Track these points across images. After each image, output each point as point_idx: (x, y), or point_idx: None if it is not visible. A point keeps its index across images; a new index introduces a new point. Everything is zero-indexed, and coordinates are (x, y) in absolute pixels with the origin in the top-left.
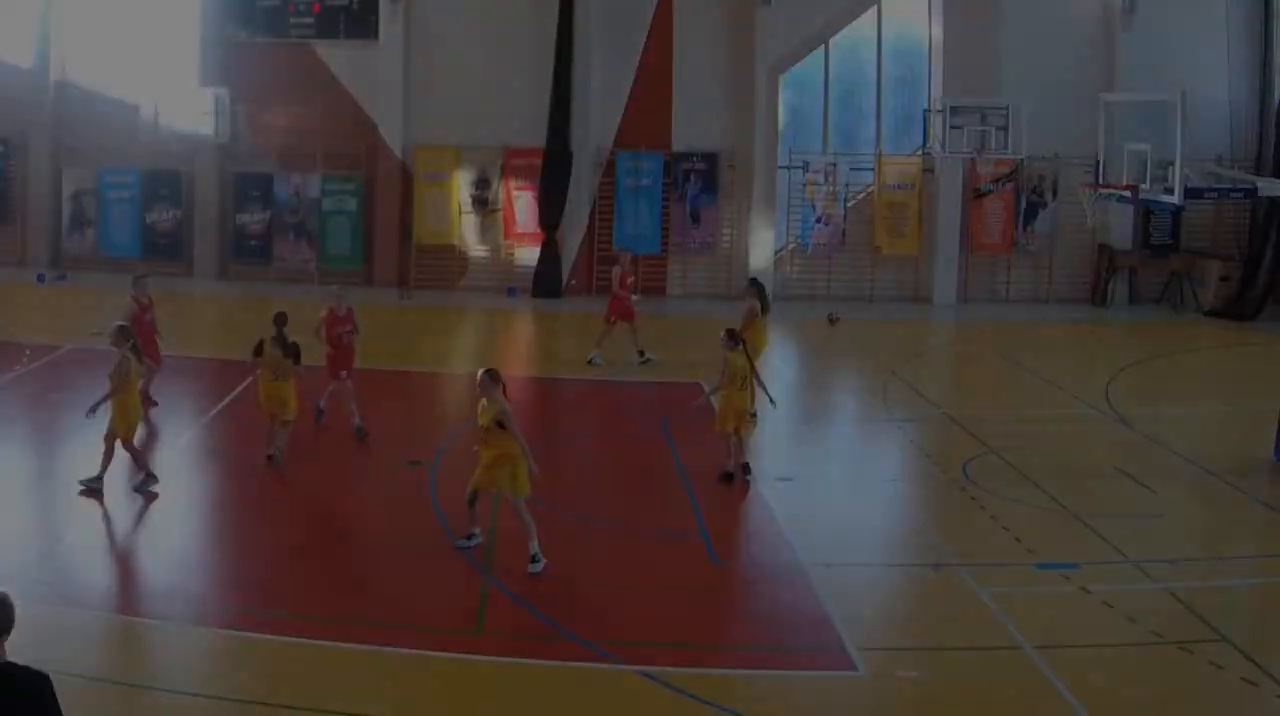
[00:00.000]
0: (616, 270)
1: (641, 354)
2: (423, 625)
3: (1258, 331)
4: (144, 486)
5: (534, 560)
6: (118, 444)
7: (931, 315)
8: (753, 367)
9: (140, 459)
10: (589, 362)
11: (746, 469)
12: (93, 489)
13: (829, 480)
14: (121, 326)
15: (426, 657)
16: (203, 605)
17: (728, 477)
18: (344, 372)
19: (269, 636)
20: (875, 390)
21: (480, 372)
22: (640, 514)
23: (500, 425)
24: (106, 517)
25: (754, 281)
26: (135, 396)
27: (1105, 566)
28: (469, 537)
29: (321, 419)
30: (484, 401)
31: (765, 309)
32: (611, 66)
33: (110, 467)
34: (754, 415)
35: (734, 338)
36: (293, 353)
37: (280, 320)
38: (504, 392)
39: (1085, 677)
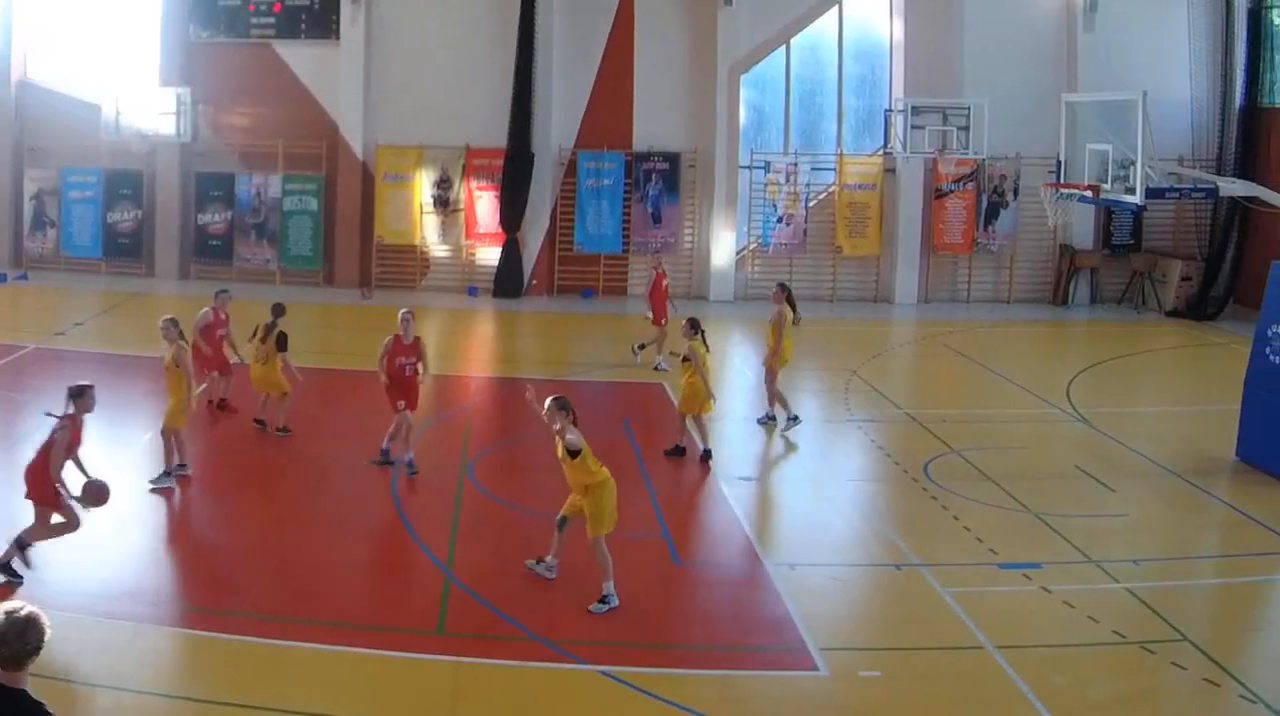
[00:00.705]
0: (652, 274)
1: (639, 348)
2: (383, 625)
3: (1219, 331)
4: (160, 482)
5: (603, 600)
6: (165, 429)
7: (893, 315)
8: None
9: (171, 456)
10: (656, 368)
11: (708, 455)
12: (181, 477)
13: (791, 480)
14: (172, 319)
15: (387, 658)
16: (164, 605)
17: (678, 452)
18: (403, 403)
19: (230, 636)
20: (837, 390)
21: (548, 401)
22: None
23: (572, 454)
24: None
25: (783, 286)
26: (186, 389)
27: (1067, 566)
28: (539, 561)
29: (387, 458)
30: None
31: (797, 317)
32: (573, 66)
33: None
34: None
35: (694, 326)
36: (277, 341)
37: (278, 311)
38: (574, 420)
39: (1047, 677)
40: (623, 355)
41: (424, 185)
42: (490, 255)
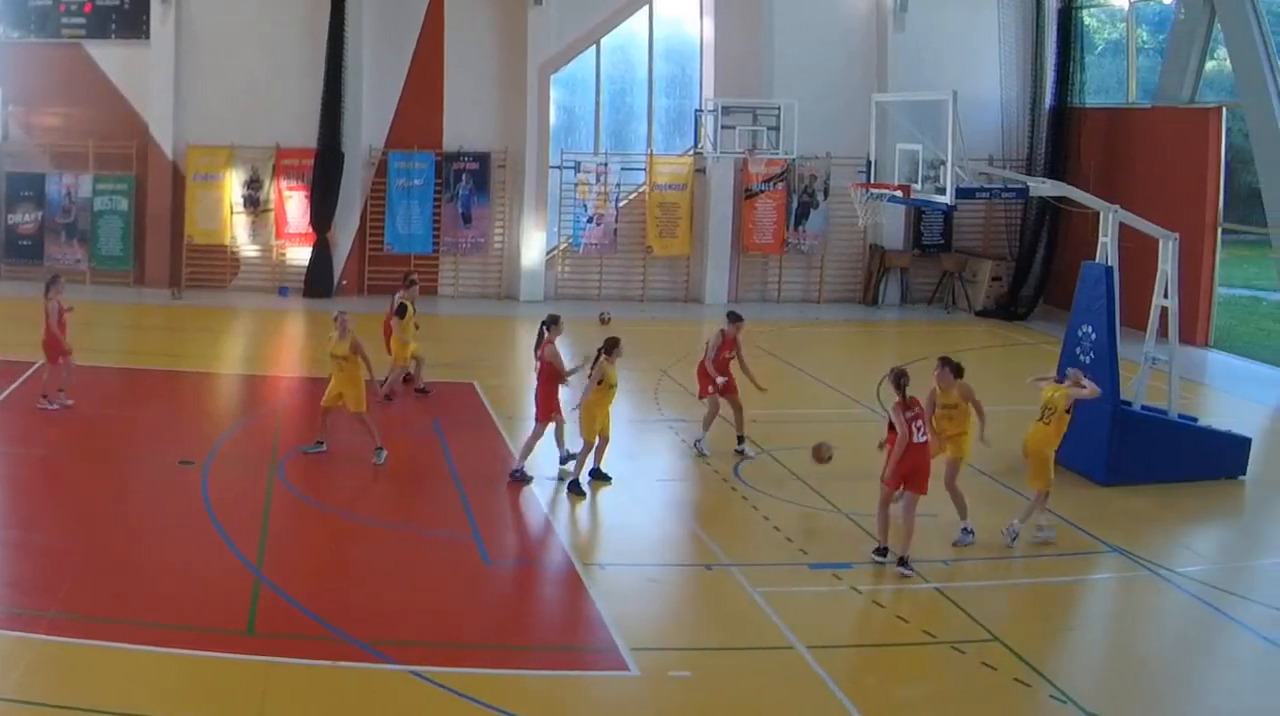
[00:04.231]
0: (720, 337)
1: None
2: (193, 625)
3: (1029, 331)
4: (379, 457)
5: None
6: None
7: (703, 315)
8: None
9: (374, 430)
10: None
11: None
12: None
13: None
14: (344, 312)
15: (197, 658)
16: None
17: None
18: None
19: (40, 636)
20: (647, 390)
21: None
22: (413, 514)
23: None
24: None
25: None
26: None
27: (877, 566)
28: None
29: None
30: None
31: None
32: (383, 66)
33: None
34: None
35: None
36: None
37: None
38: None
39: (858, 677)
40: (435, 355)
41: (234, 185)
42: (300, 255)
